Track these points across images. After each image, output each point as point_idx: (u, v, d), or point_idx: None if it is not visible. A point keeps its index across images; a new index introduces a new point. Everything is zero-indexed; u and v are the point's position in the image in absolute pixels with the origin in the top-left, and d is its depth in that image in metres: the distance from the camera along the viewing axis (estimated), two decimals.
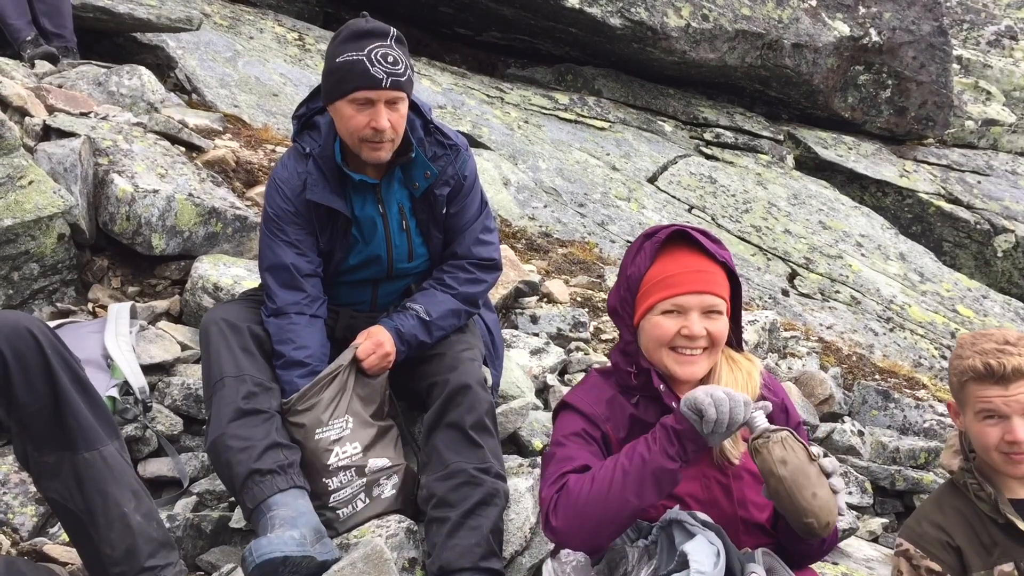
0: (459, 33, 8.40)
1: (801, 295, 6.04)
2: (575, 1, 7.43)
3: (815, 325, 5.57)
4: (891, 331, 5.89)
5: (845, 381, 4.57)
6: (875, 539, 3.34)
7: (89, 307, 3.27)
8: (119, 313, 3.06)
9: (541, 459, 2.07)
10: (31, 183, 3.18)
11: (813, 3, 8.45)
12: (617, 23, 7.53)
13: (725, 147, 8.02)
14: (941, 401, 4.44)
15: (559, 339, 3.86)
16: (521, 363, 3.48)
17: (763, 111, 8.76)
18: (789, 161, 8.21)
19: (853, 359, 4.97)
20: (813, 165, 8.34)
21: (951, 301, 6.69)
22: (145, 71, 4.48)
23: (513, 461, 2.77)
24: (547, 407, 3.33)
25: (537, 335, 3.82)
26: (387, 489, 2.55)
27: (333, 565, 2.21)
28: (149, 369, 2.95)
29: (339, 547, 2.39)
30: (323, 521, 2.44)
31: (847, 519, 3.06)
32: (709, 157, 7.73)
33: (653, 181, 6.97)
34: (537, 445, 3.02)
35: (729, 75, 8.29)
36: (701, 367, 1.98)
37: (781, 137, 8.45)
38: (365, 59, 2.48)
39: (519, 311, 4.02)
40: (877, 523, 3.39)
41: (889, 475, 3.64)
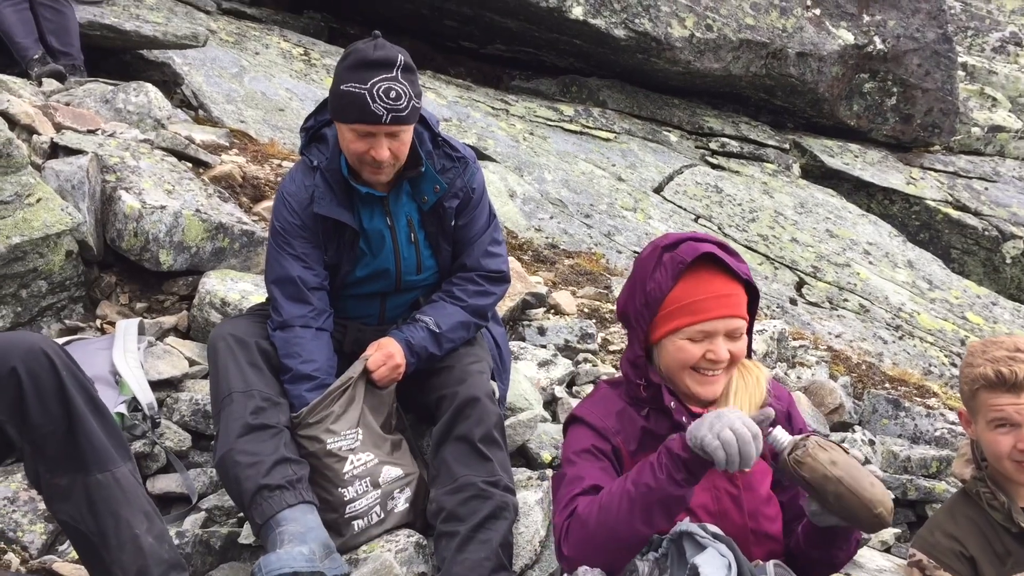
0: (464, 46, 8.43)
1: (809, 304, 6.02)
2: (579, 13, 7.45)
3: (824, 334, 5.55)
4: (900, 339, 5.87)
5: (855, 390, 4.54)
6: (887, 549, 3.31)
7: (97, 324, 3.27)
8: (127, 329, 3.07)
9: (552, 479, 2.05)
10: (39, 201, 3.19)
11: (817, 12, 8.46)
12: (621, 34, 7.54)
13: (731, 156, 8.01)
14: (952, 409, 4.40)
15: (567, 351, 3.86)
16: (529, 375, 3.47)
17: (768, 120, 8.76)
18: (795, 170, 8.20)
19: (863, 368, 4.94)
20: (819, 173, 8.33)
21: (960, 308, 6.67)
22: (152, 88, 4.50)
23: (522, 474, 2.77)
24: (555, 419, 3.32)
25: (545, 347, 3.82)
26: (400, 503, 2.55)
27: None
28: (157, 385, 2.95)
29: (348, 562, 2.39)
30: (336, 533, 2.43)
31: None
32: (715, 167, 7.73)
33: (659, 191, 6.96)
34: (546, 457, 3.01)
35: (734, 84, 8.30)
36: (720, 385, 1.98)
37: (787, 146, 8.44)
38: (367, 94, 2.46)
39: (526, 323, 4.01)
40: (889, 533, 3.37)
41: (901, 484, 3.61)
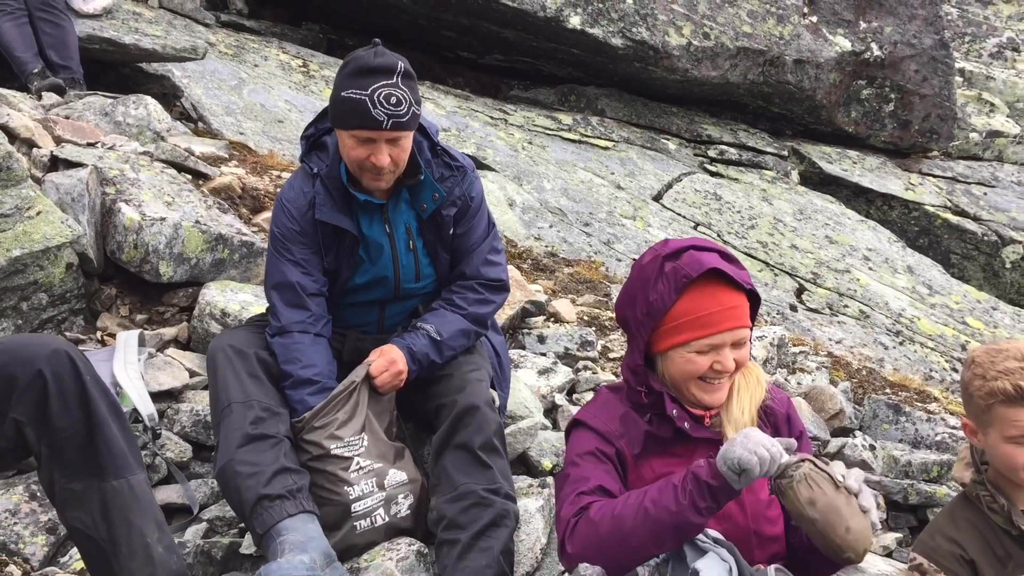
0: (462, 56, 8.46)
1: (809, 310, 6.02)
2: (576, 22, 7.47)
3: (824, 340, 5.55)
4: (901, 344, 5.87)
5: (855, 395, 4.54)
6: (889, 554, 3.31)
7: (98, 335, 3.28)
8: (127, 341, 3.08)
9: (555, 480, 2.06)
10: (39, 213, 3.20)
11: (814, 19, 8.49)
12: (619, 43, 7.56)
13: (729, 164, 8.03)
14: (953, 414, 4.40)
15: (567, 358, 3.86)
16: (529, 383, 3.48)
17: (767, 127, 8.77)
18: (794, 176, 8.21)
19: (863, 373, 4.94)
20: (818, 180, 8.34)
21: (960, 313, 6.67)
22: (151, 100, 4.52)
23: (523, 482, 2.77)
24: (556, 427, 3.32)
25: (545, 355, 3.82)
26: (403, 508, 2.55)
27: None
28: (158, 396, 2.95)
29: (349, 571, 2.39)
30: (337, 530, 2.44)
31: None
32: (714, 174, 7.74)
33: (658, 199, 6.97)
34: (546, 465, 3.01)
35: (732, 92, 8.32)
36: (725, 391, 2.01)
37: (785, 153, 8.45)
38: (368, 100, 2.48)
39: (526, 331, 4.01)
40: (891, 538, 3.36)
41: (902, 489, 3.61)
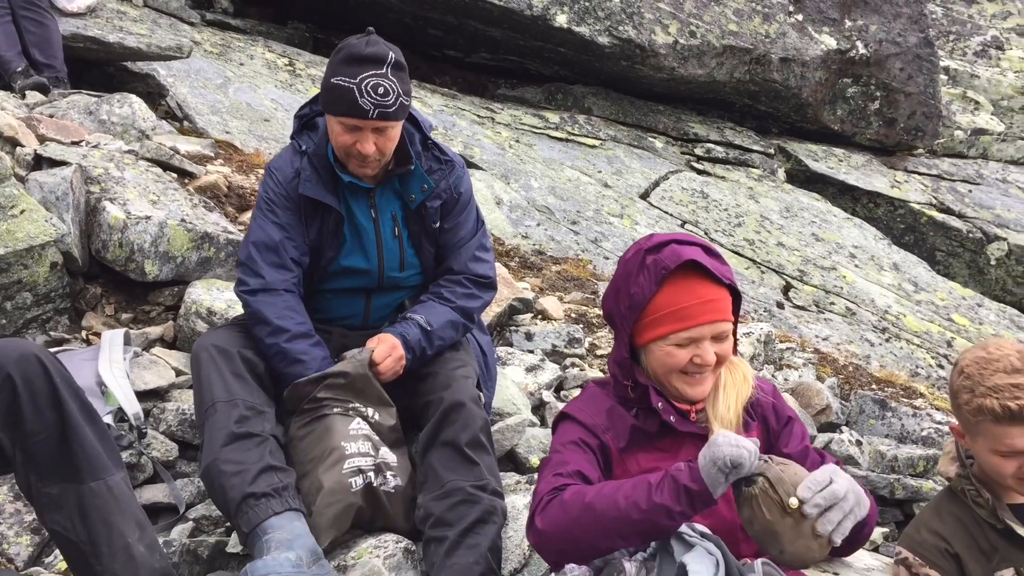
0: (448, 55, 8.44)
1: (796, 307, 6.04)
2: (563, 21, 7.48)
3: (811, 337, 5.56)
4: (887, 341, 5.89)
5: (842, 391, 4.56)
6: (875, 548, 3.32)
7: (83, 335, 3.26)
8: (113, 340, 3.06)
9: (539, 467, 2.07)
10: (23, 212, 3.18)
11: (799, 17, 8.51)
12: (605, 42, 7.57)
13: (716, 162, 8.04)
14: (939, 409, 4.42)
15: (554, 355, 3.86)
16: (517, 380, 3.48)
17: (753, 125, 8.80)
18: (780, 174, 8.23)
19: (849, 369, 4.96)
20: (804, 178, 8.37)
21: (946, 310, 6.70)
22: (136, 99, 4.50)
23: (510, 478, 2.77)
24: (543, 424, 3.32)
25: (532, 352, 3.82)
26: (390, 484, 2.50)
27: None
28: (143, 395, 2.94)
29: (336, 569, 2.38)
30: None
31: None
32: (700, 172, 7.76)
33: (645, 197, 6.98)
34: (534, 462, 3.01)
35: (718, 90, 8.34)
36: (708, 385, 2.02)
37: (771, 151, 8.48)
38: (355, 89, 2.50)
39: (514, 328, 4.01)
40: (877, 532, 3.38)
41: (888, 484, 3.63)
